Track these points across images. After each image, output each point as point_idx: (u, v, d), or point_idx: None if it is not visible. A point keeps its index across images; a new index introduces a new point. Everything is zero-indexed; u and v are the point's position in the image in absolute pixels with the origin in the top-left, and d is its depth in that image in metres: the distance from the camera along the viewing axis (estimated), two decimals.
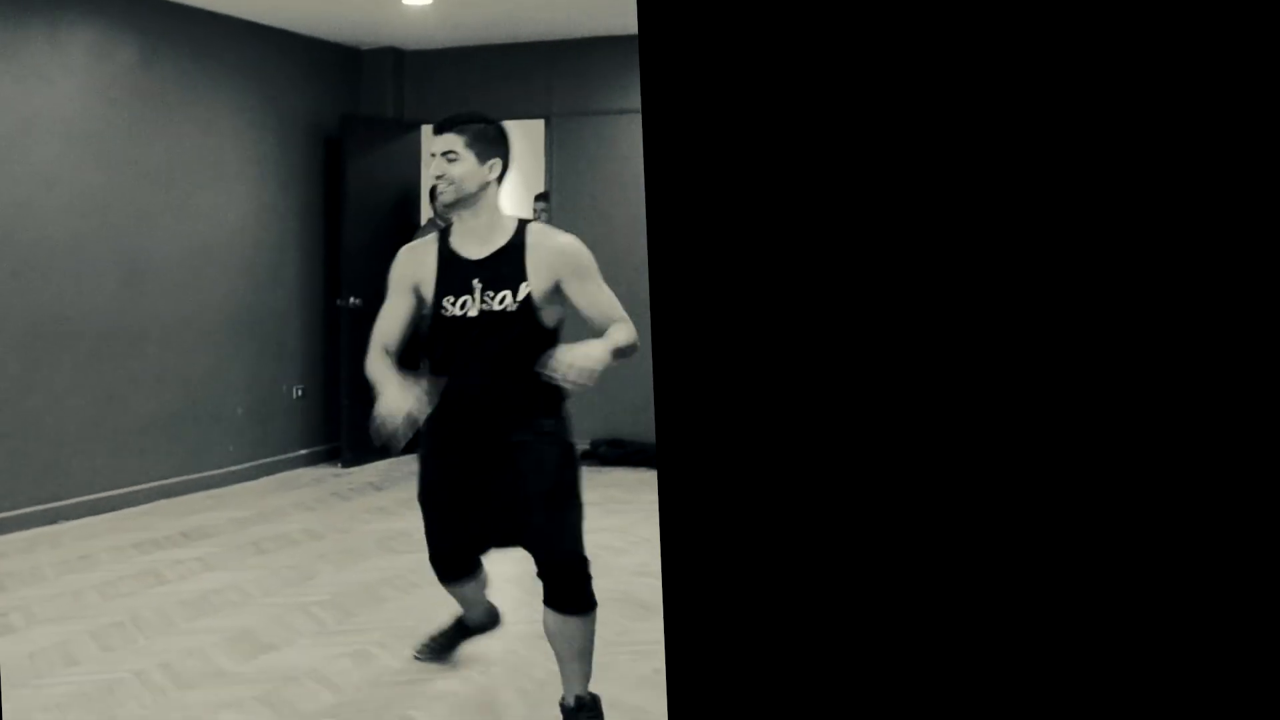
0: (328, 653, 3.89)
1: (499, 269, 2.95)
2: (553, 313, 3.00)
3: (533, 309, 2.92)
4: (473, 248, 2.99)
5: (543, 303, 2.94)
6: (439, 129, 2.99)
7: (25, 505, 5.59)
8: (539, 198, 8.10)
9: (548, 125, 7.69)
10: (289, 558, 5.18)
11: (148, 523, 5.80)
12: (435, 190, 3.13)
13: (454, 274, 2.98)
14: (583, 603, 3.01)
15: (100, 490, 5.96)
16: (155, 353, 6.27)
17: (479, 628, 3.64)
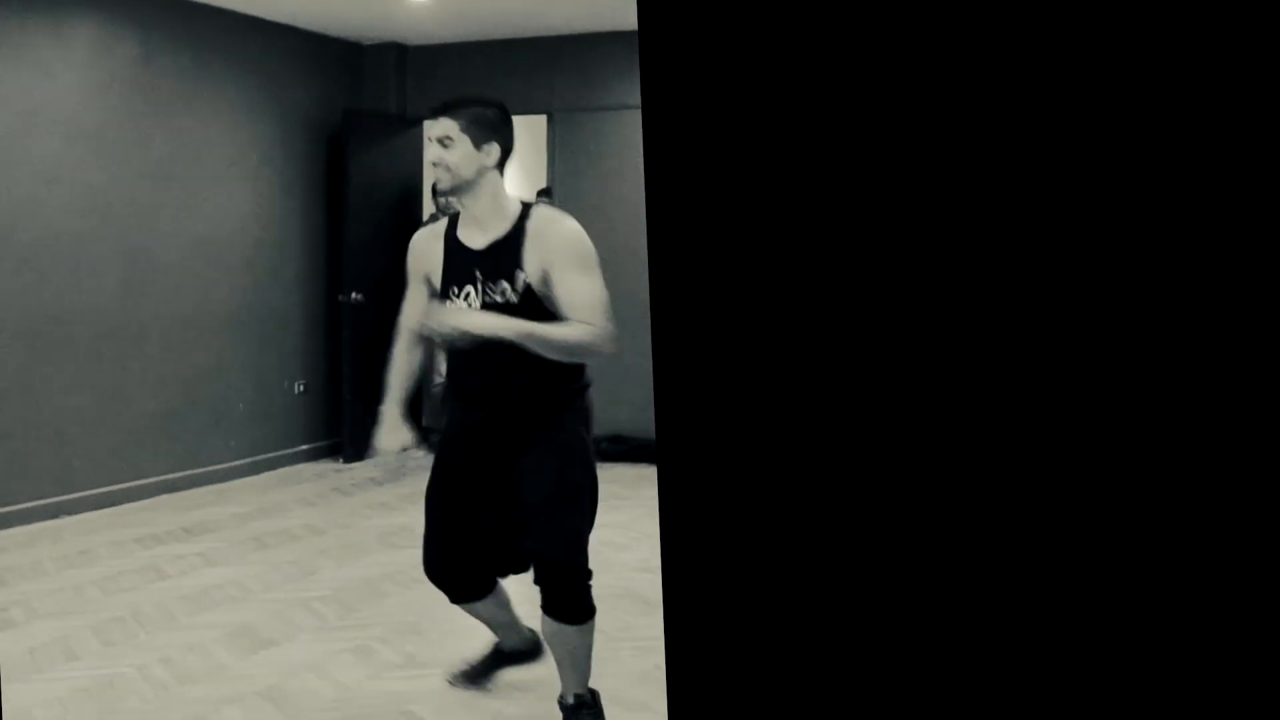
0: (329, 648, 3.89)
1: (499, 258, 2.84)
2: None
3: (536, 299, 2.79)
4: (475, 236, 2.89)
5: (546, 291, 2.80)
6: (435, 113, 2.91)
7: (26, 500, 5.59)
8: (541, 193, 8.10)
9: (550, 121, 7.69)
10: (290, 553, 5.18)
11: (149, 518, 5.80)
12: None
13: (458, 263, 2.89)
14: (578, 613, 2.92)
15: (101, 485, 5.97)
16: (157, 348, 6.28)
17: (515, 655, 3.37)
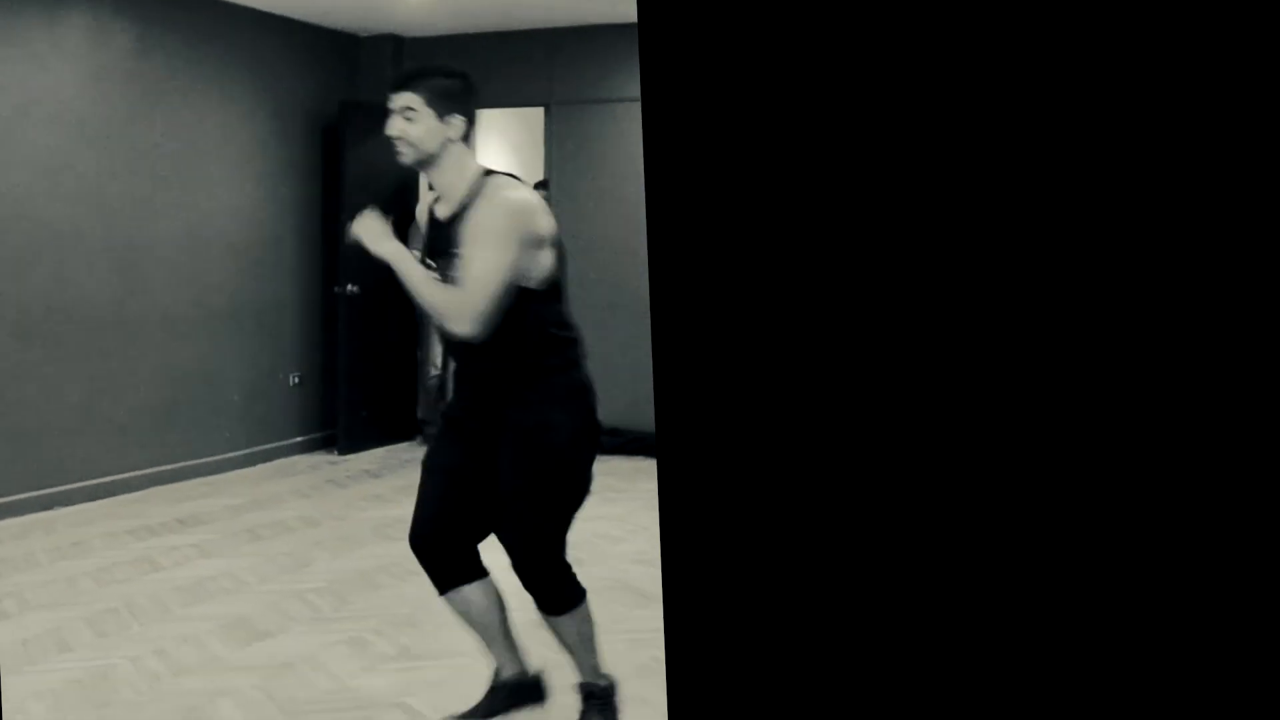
0: (323, 640, 3.89)
1: (451, 232, 2.78)
2: (533, 272, 2.74)
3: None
4: (443, 209, 2.83)
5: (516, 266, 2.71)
6: (395, 85, 2.81)
7: (20, 491, 5.58)
8: (538, 185, 8.10)
9: (547, 113, 7.68)
10: (285, 545, 5.18)
11: (143, 509, 5.79)
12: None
13: (430, 235, 2.86)
14: (556, 603, 2.89)
15: (95, 477, 5.96)
16: (152, 340, 6.26)
17: (516, 692, 3.09)
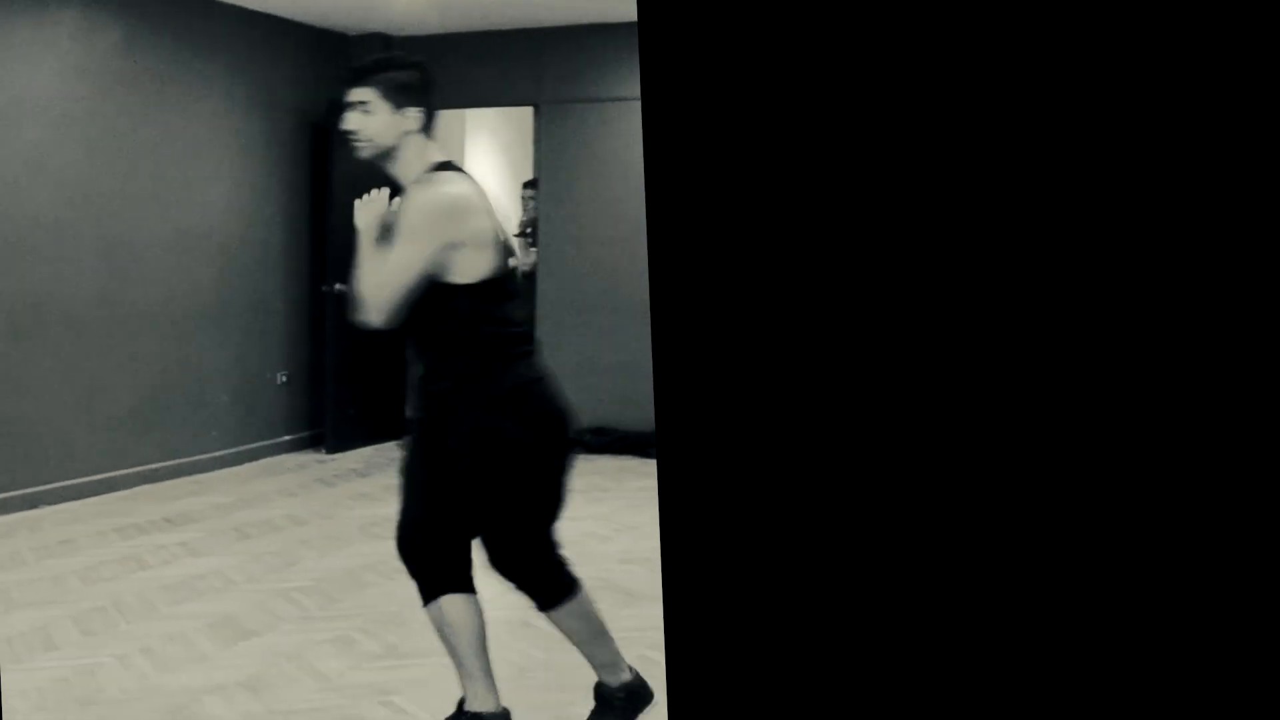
0: (310, 638, 3.89)
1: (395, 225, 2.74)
2: (460, 270, 2.66)
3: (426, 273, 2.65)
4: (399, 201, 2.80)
5: (436, 262, 2.64)
6: (350, 80, 2.75)
7: (5, 489, 5.56)
8: (527, 185, 8.09)
9: (536, 113, 7.68)
10: (272, 543, 5.17)
11: (130, 508, 5.78)
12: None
13: (385, 228, 2.80)
14: (543, 599, 2.86)
15: (82, 475, 5.94)
16: (139, 338, 6.25)
17: None
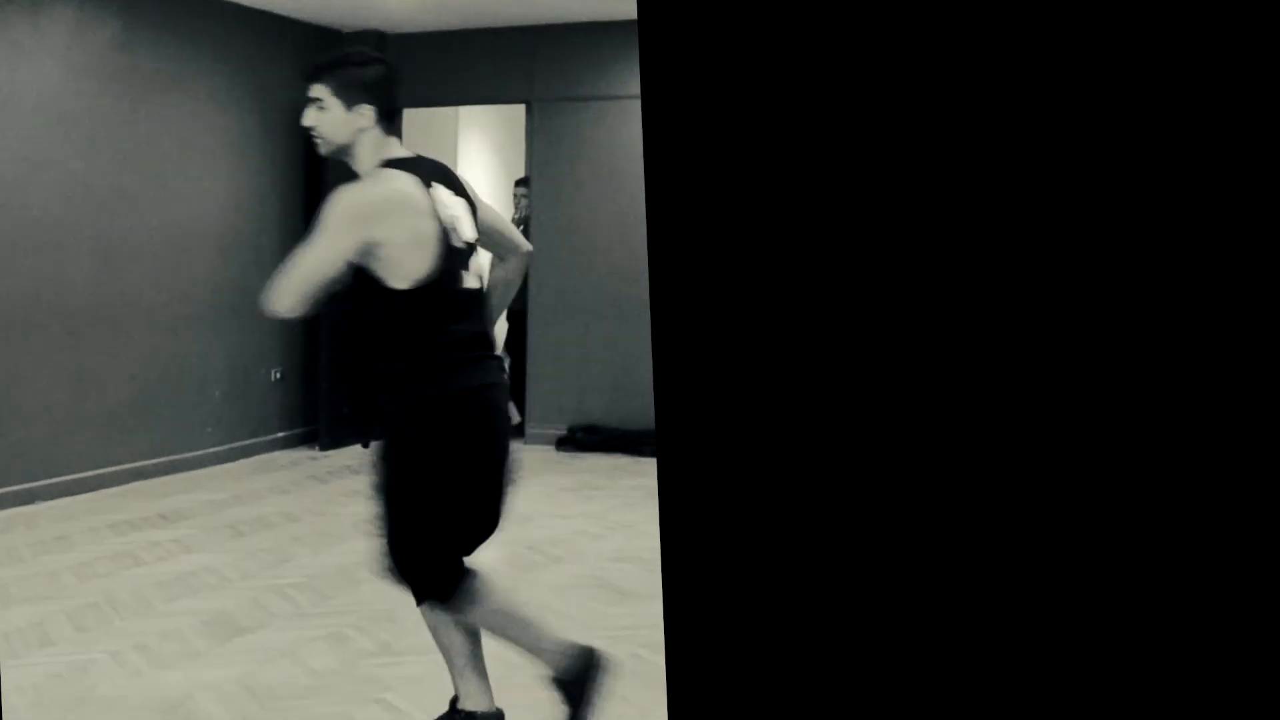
0: (303, 635, 3.91)
1: None
2: (388, 271, 2.63)
3: (355, 271, 2.65)
4: None
5: (356, 261, 2.63)
6: (307, 76, 2.75)
7: (2, 485, 5.58)
8: (519, 183, 8.09)
9: (529, 110, 7.68)
10: (265, 540, 5.18)
11: (124, 504, 5.79)
12: None
13: None
14: (420, 595, 2.81)
15: (77, 471, 5.95)
16: (133, 334, 6.26)
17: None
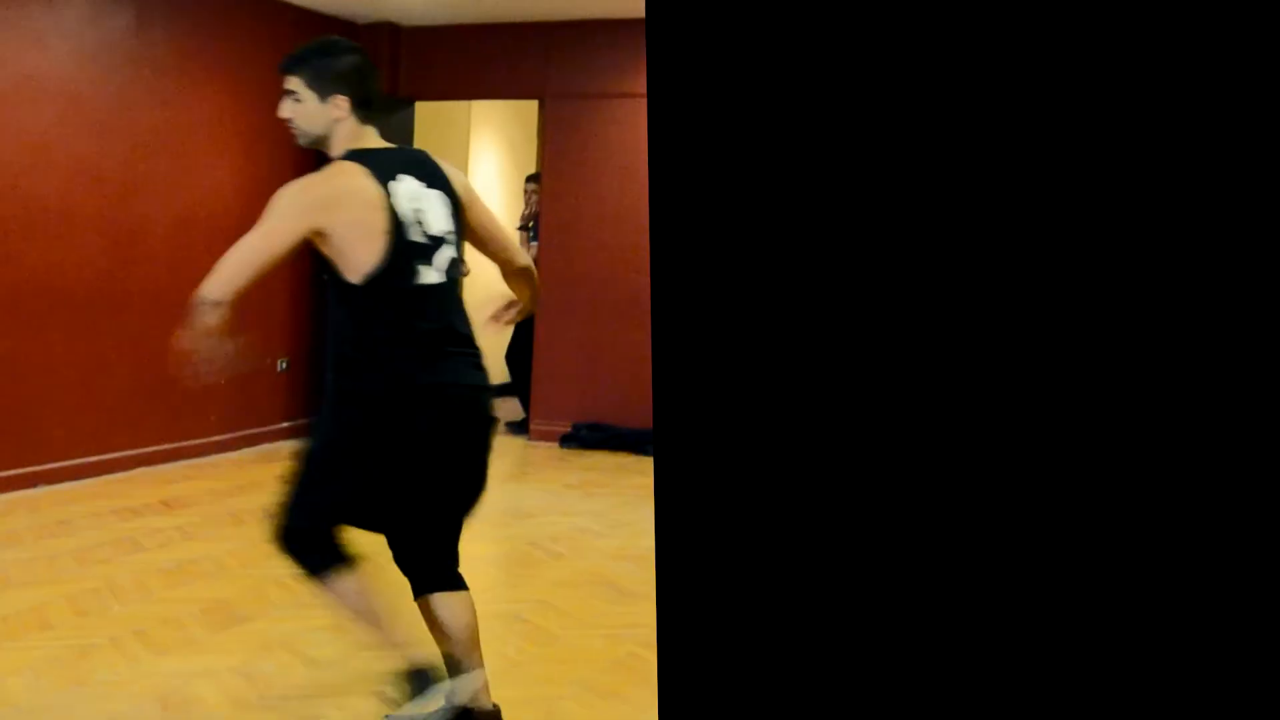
0: (303, 625, 3.90)
1: None
2: (347, 263, 2.65)
3: (320, 259, 2.70)
4: None
5: (323, 250, 2.67)
6: (281, 68, 2.76)
7: (4, 469, 5.58)
8: (530, 179, 8.09)
9: (542, 106, 7.68)
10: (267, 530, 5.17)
11: (127, 490, 5.79)
12: None
13: None
14: (304, 573, 2.90)
15: (81, 456, 5.96)
16: (141, 320, 6.26)
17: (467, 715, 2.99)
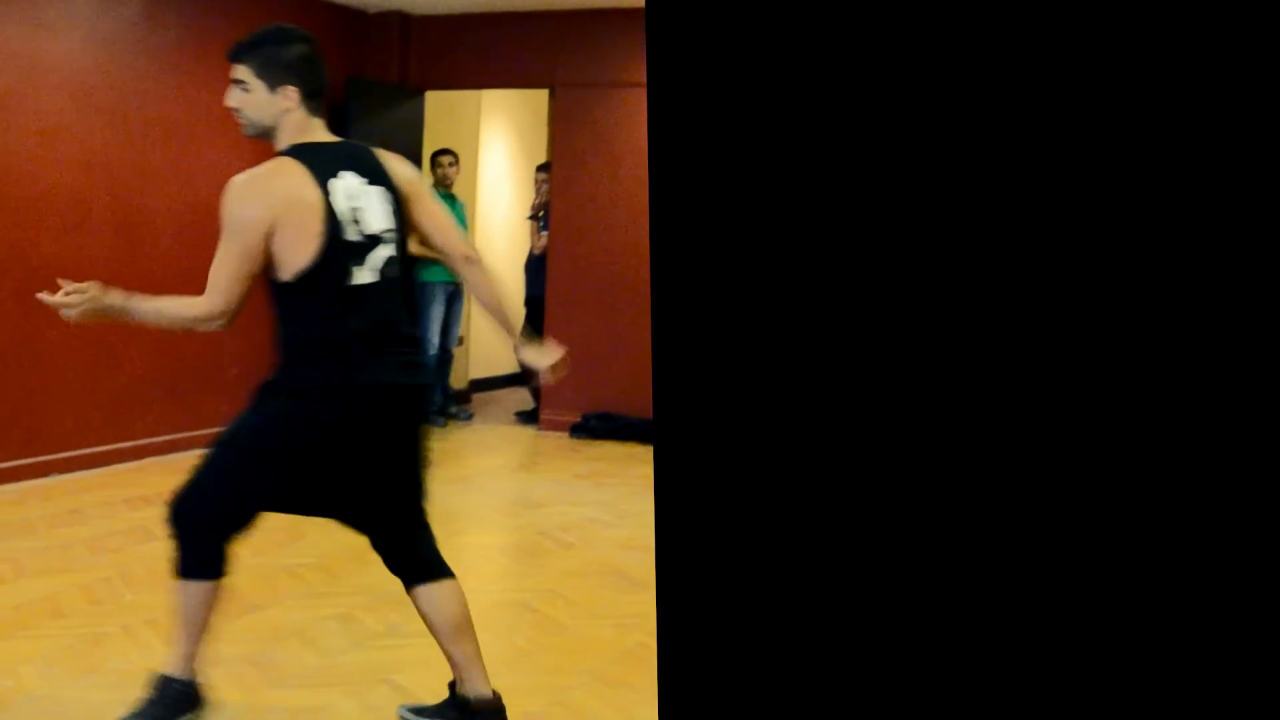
0: (313, 614, 3.92)
1: None
2: (279, 261, 2.78)
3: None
4: None
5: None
6: (230, 56, 2.74)
7: (17, 458, 5.60)
8: (540, 168, 8.09)
9: (552, 95, 7.68)
10: (277, 519, 5.18)
11: (139, 479, 5.81)
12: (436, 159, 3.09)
13: None
14: (176, 563, 2.79)
15: (93, 445, 5.98)
16: None
17: (465, 705, 3.00)
